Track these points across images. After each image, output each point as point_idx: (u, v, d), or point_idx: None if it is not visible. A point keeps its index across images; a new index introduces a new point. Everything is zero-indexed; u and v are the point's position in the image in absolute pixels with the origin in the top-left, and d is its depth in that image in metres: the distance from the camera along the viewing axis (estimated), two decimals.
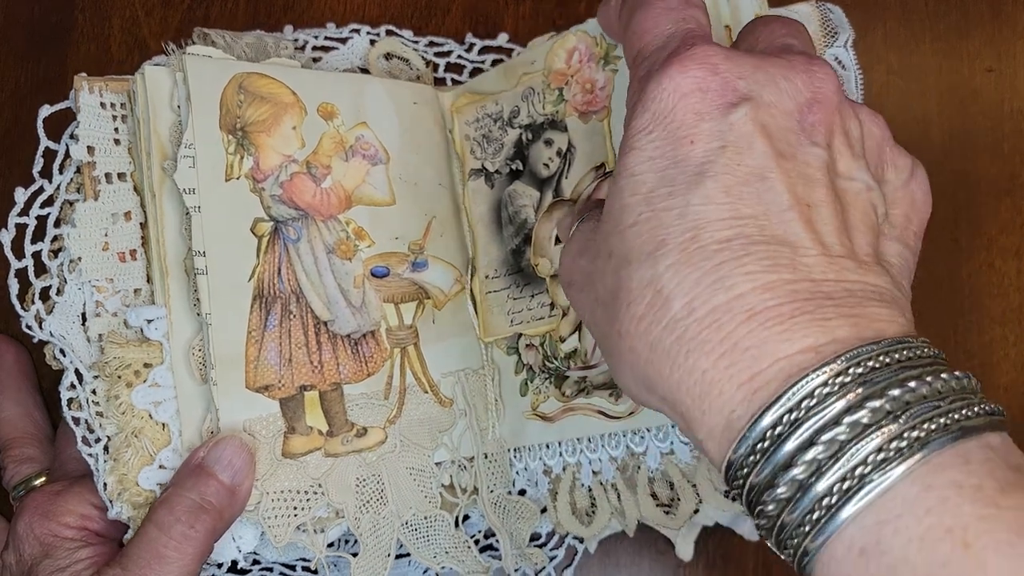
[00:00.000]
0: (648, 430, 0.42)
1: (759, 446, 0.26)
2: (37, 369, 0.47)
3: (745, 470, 0.26)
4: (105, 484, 0.38)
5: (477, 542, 0.46)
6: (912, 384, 0.25)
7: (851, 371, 0.25)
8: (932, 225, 0.49)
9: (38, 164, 0.41)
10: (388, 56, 0.49)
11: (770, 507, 0.26)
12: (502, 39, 0.51)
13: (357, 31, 0.49)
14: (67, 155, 0.41)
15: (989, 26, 0.51)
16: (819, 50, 0.42)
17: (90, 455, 0.39)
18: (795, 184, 0.28)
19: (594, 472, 0.44)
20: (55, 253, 0.41)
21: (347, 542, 0.45)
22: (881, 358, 0.25)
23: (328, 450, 0.41)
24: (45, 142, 0.41)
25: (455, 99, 0.48)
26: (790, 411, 0.25)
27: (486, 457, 0.46)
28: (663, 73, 0.30)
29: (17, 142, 0.50)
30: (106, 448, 0.39)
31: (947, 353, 0.46)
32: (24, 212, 0.41)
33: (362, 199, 0.44)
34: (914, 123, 0.50)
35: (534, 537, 0.47)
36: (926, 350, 0.26)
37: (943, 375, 0.26)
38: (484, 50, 0.51)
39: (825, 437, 0.25)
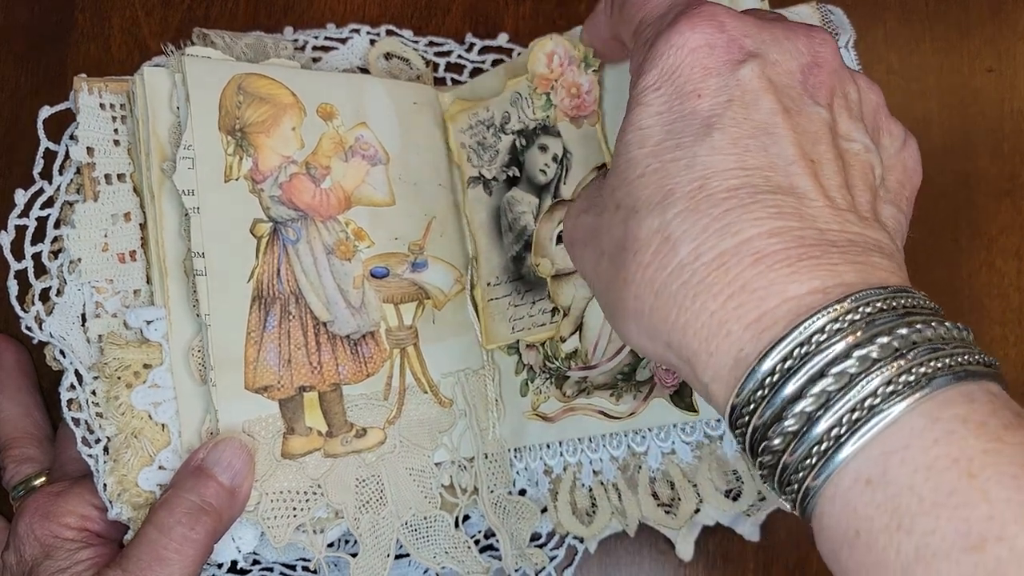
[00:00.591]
0: (649, 430, 0.42)
1: (768, 380, 0.26)
2: (37, 369, 0.47)
3: (751, 406, 0.27)
4: (105, 485, 0.39)
5: (477, 542, 0.46)
6: (919, 326, 0.26)
7: (860, 310, 0.26)
8: (932, 225, 0.49)
9: (38, 165, 0.41)
10: (388, 56, 0.49)
11: (775, 442, 0.26)
12: (502, 39, 0.51)
13: (357, 31, 0.49)
14: (67, 156, 0.41)
15: (989, 26, 0.51)
16: None
17: (90, 456, 0.39)
18: (800, 139, 0.29)
19: (595, 472, 0.44)
20: (55, 254, 0.41)
21: (347, 542, 0.45)
22: (888, 301, 0.26)
23: (327, 451, 0.41)
24: (45, 143, 0.41)
25: (448, 107, 0.48)
26: (800, 345, 0.26)
27: (486, 457, 0.46)
28: (672, 30, 0.30)
29: (17, 142, 0.50)
30: (106, 449, 0.39)
31: None
32: (24, 214, 0.41)
33: (361, 199, 0.44)
34: (914, 123, 0.50)
35: (534, 537, 0.47)
36: (926, 302, 0.27)
37: (946, 323, 0.26)
38: (484, 50, 0.51)
39: (835, 370, 0.25)
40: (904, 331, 0.25)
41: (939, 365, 0.25)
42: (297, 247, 0.42)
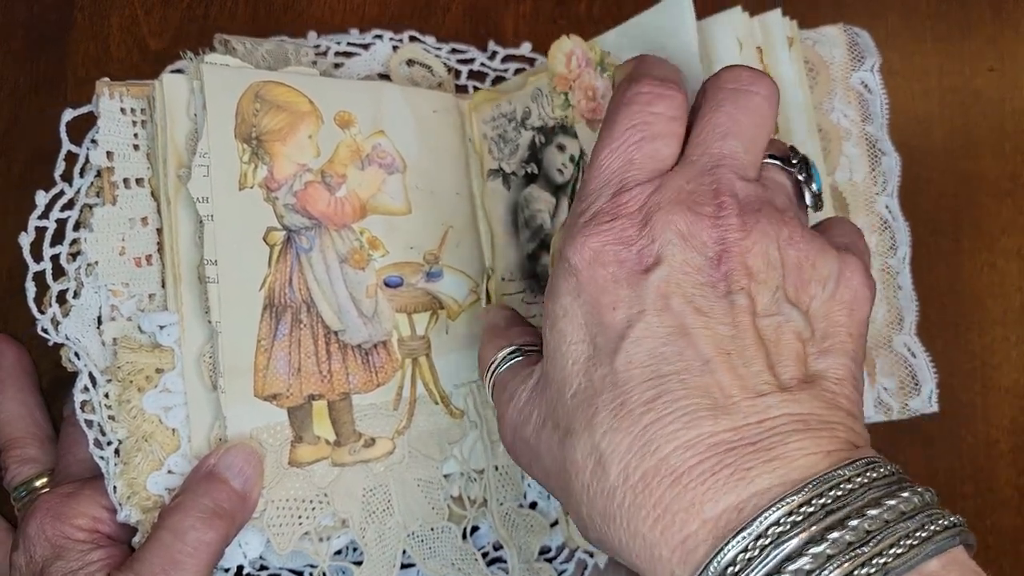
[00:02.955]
0: None
1: None
2: (37, 368, 0.47)
3: None
4: (115, 487, 0.39)
5: (486, 555, 0.46)
6: (833, 535, 0.26)
7: (770, 532, 0.26)
8: (934, 225, 0.49)
9: (60, 167, 0.42)
10: (410, 62, 0.49)
11: None
12: (525, 48, 0.50)
13: (380, 37, 0.49)
14: (87, 159, 0.42)
15: (991, 26, 0.50)
16: (846, 74, 0.42)
17: (101, 458, 0.39)
18: (714, 335, 0.30)
19: None
20: (73, 256, 0.42)
21: (355, 550, 0.45)
22: (803, 509, 0.26)
23: (335, 460, 0.41)
24: (67, 146, 0.42)
25: (473, 96, 0.48)
26: (728, 567, 0.26)
27: (496, 469, 0.45)
28: (581, 241, 0.32)
29: (16, 141, 0.50)
30: (117, 452, 0.39)
31: (948, 354, 0.45)
32: (44, 215, 0.41)
33: (377, 208, 0.44)
34: (916, 123, 0.50)
35: (544, 550, 0.47)
36: (857, 478, 0.27)
37: (870, 512, 0.26)
38: (507, 58, 0.50)
39: None
40: (818, 549, 0.25)
41: (886, 560, 0.25)
42: (310, 255, 0.42)
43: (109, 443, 0.39)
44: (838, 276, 0.33)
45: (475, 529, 0.46)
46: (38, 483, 0.43)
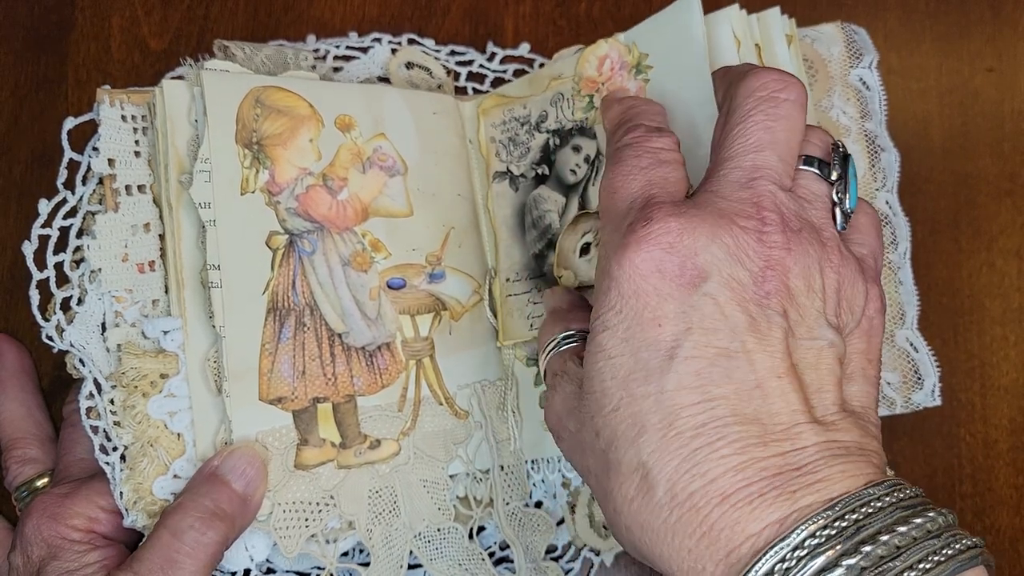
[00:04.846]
0: None
1: None
2: (37, 369, 0.47)
3: None
4: (121, 493, 0.39)
5: (492, 555, 0.46)
6: (866, 549, 0.27)
7: (807, 543, 0.27)
8: (933, 225, 0.49)
9: (62, 176, 0.42)
10: (409, 65, 0.49)
11: None
12: (524, 49, 0.50)
13: (379, 40, 0.49)
14: (89, 167, 0.42)
15: (989, 26, 0.51)
16: (844, 71, 0.42)
17: (107, 464, 0.39)
18: (761, 359, 0.30)
19: None
20: (77, 263, 0.42)
21: (361, 551, 0.45)
22: (837, 523, 0.27)
23: (341, 462, 0.42)
24: (69, 153, 0.42)
25: (482, 100, 0.48)
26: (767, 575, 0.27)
27: (502, 469, 0.46)
28: (622, 254, 0.31)
29: (16, 142, 0.50)
30: (123, 457, 0.39)
31: (947, 354, 0.46)
32: (47, 224, 0.42)
33: (379, 211, 0.44)
34: (914, 123, 0.50)
35: (550, 549, 0.47)
36: (886, 497, 0.28)
37: (899, 528, 0.27)
38: (506, 59, 0.51)
39: None
40: (852, 561, 0.26)
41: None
42: (313, 259, 0.42)
43: (115, 449, 0.40)
44: (864, 305, 0.33)
45: (481, 529, 0.46)
46: (39, 483, 0.43)
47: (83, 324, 0.40)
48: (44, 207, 0.42)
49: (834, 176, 0.34)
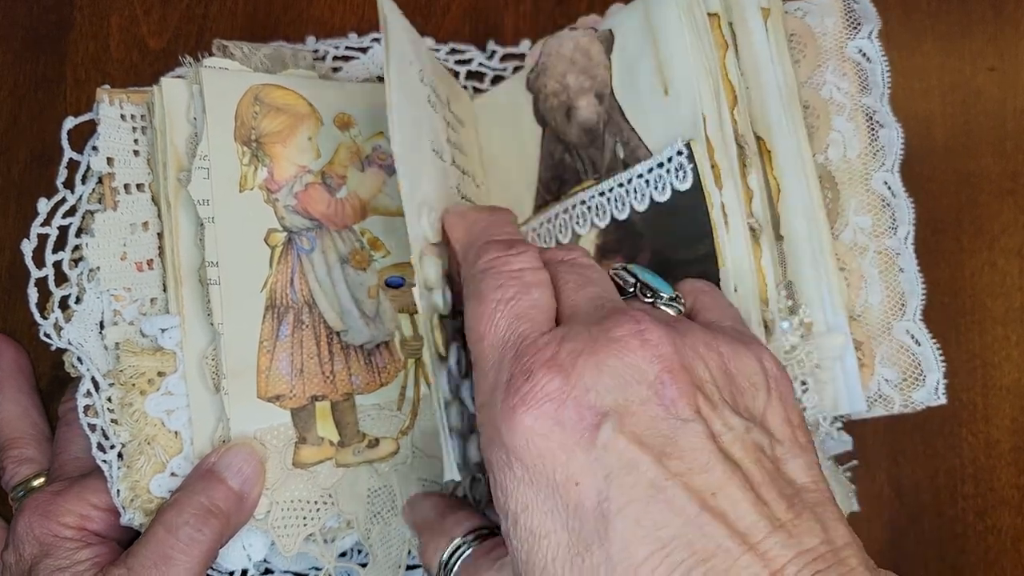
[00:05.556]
0: None
1: None
2: (35, 369, 0.47)
3: None
4: (119, 491, 0.39)
5: None
6: None
7: None
8: (934, 224, 0.48)
9: (62, 175, 0.42)
10: None
11: None
12: (524, 46, 0.50)
13: (378, 40, 0.49)
14: (88, 166, 0.42)
15: (991, 25, 0.51)
16: (840, 44, 0.40)
17: (104, 461, 0.39)
18: (691, 479, 0.27)
19: None
20: (76, 262, 0.42)
21: (359, 551, 0.45)
22: None
23: (339, 461, 0.41)
24: (68, 152, 0.42)
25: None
26: None
27: None
28: (511, 419, 0.28)
29: (15, 141, 0.50)
30: (120, 455, 0.39)
31: (948, 353, 0.45)
32: (46, 222, 0.42)
33: (378, 209, 0.44)
34: (916, 122, 0.50)
35: None
36: None
37: None
38: (506, 57, 0.51)
39: None
40: None
41: None
42: (311, 256, 0.42)
43: (112, 447, 0.39)
44: (760, 367, 0.31)
45: None
46: (36, 483, 0.43)
47: (81, 322, 0.40)
48: (43, 206, 0.42)
49: (630, 289, 0.34)
